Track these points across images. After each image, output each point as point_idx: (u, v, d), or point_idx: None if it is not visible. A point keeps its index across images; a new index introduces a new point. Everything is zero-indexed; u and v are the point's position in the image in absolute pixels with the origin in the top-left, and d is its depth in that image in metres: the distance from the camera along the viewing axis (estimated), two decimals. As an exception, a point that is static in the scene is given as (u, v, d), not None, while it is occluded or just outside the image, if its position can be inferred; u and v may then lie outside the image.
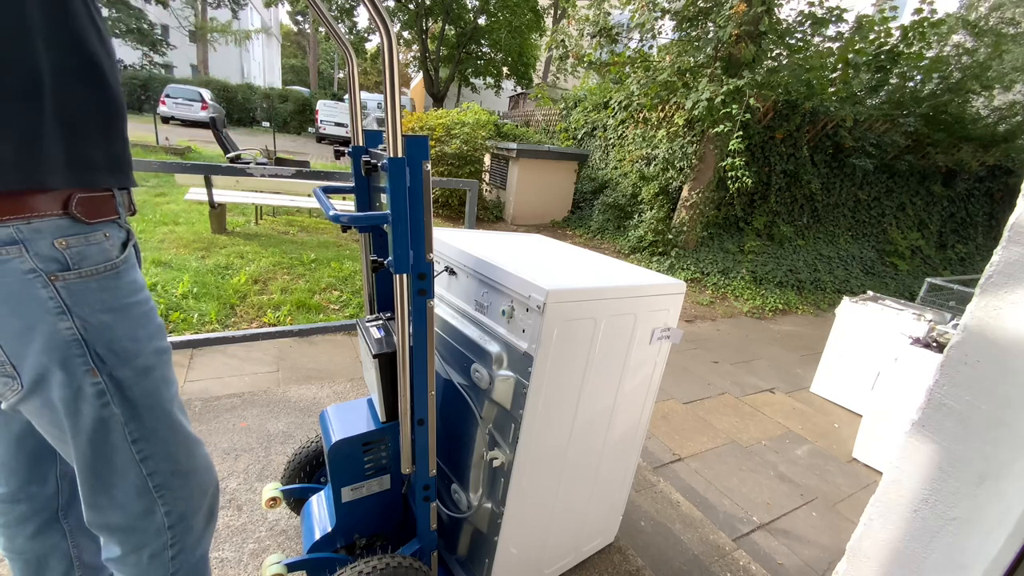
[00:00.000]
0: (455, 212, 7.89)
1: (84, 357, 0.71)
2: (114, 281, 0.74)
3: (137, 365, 0.77)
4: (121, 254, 0.76)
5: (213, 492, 0.95)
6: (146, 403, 0.79)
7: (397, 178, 0.87)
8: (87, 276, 0.70)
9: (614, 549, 1.73)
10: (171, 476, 0.84)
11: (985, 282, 0.72)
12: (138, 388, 0.77)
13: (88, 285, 0.71)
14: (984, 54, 7.08)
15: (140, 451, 0.80)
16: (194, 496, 0.89)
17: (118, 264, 0.75)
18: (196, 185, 5.19)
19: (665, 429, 2.73)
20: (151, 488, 0.82)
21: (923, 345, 2.51)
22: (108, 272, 0.73)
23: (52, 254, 0.67)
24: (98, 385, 0.73)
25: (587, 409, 1.29)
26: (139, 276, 0.81)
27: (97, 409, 0.74)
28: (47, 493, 0.93)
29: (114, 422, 0.76)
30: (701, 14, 5.96)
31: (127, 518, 0.82)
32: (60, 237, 0.68)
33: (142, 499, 0.82)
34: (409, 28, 19.28)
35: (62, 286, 0.68)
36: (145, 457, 0.80)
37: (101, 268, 0.72)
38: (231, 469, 1.86)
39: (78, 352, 0.70)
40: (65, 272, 0.68)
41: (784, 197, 7.09)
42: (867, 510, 0.88)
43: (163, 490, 0.84)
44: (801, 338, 4.73)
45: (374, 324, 1.22)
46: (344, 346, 3.02)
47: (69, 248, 0.68)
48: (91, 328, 0.71)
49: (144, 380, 0.78)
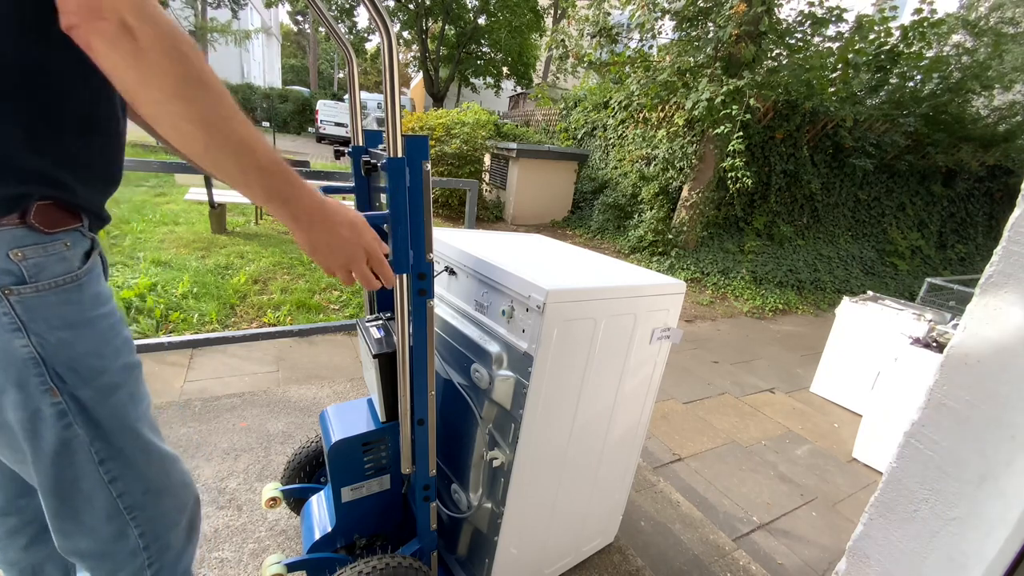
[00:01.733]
0: (455, 212, 7.89)
1: (42, 376, 0.66)
2: (75, 294, 0.69)
3: (102, 383, 0.72)
4: (83, 264, 0.70)
5: (192, 507, 0.92)
6: (112, 423, 0.74)
7: (397, 178, 0.87)
8: (45, 290, 0.65)
9: (614, 549, 1.73)
10: (143, 496, 0.80)
11: (985, 282, 0.72)
12: (103, 407, 0.73)
13: (46, 299, 0.66)
14: (984, 54, 7.07)
15: (108, 472, 0.75)
16: (169, 514, 0.85)
17: (80, 276, 0.69)
18: (196, 185, 5.19)
19: (665, 429, 2.72)
20: (122, 510, 0.78)
21: (923, 345, 2.51)
22: (69, 284, 0.68)
23: (6, 266, 0.62)
24: (59, 405, 0.68)
25: (587, 409, 1.29)
26: (104, 288, 0.75)
27: (58, 431, 0.69)
28: (36, 504, 0.89)
29: (78, 443, 0.71)
30: (701, 14, 5.96)
31: (98, 543, 0.79)
32: (15, 248, 0.63)
33: (113, 522, 0.78)
34: (409, 28, 19.27)
35: (17, 301, 0.63)
36: (114, 478, 0.76)
37: (61, 281, 0.67)
38: (231, 469, 1.86)
39: (35, 371, 0.66)
40: (20, 286, 0.63)
41: (784, 197, 7.09)
42: (867, 510, 0.88)
43: (135, 511, 0.79)
44: (801, 338, 4.73)
45: (374, 324, 1.21)
46: (344, 346, 3.02)
47: (26, 260, 0.63)
48: (49, 345, 0.66)
49: (110, 398, 0.73)
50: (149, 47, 0.54)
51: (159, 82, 0.56)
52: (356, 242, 0.78)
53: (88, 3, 0.51)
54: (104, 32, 0.52)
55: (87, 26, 0.52)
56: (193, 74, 0.58)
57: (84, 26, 0.52)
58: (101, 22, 0.52)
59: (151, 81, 0.56)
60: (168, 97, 0.57)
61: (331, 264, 0.77)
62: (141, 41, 0.54)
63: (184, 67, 0.57)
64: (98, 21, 0.52)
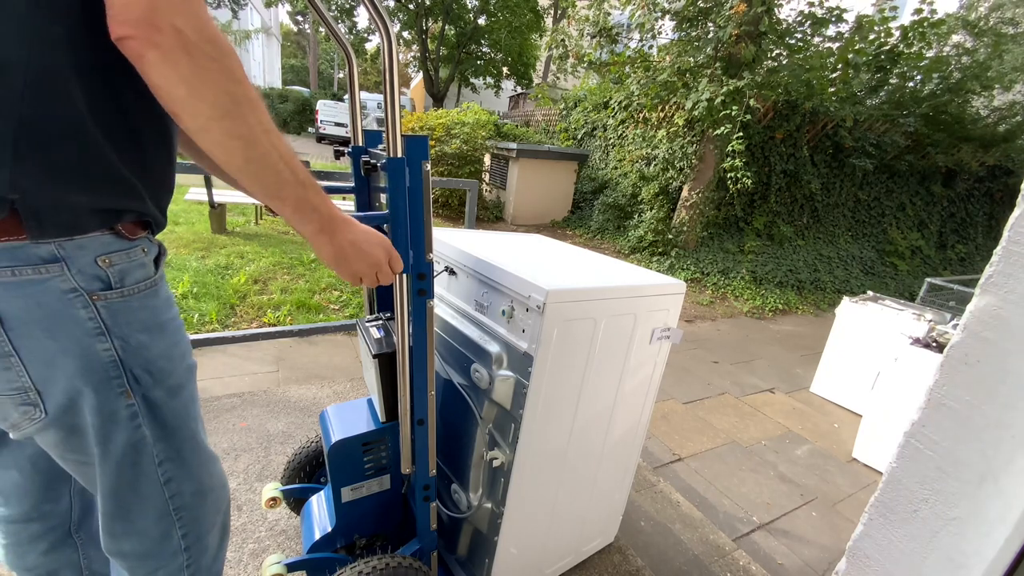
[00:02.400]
0: (455, 212, 7.89)
1: (120, 379, 0.68)
2: (152, 299, 0.71)
3: (170, 384, 0.74)
4: (158, 270, 0.73)
5: (226, 509, 0.93)
6: (175, 423, 0.76)
7: (397, 178, 0.87)
8: (129, 295, 0.67)
9: (614, 549, 1.73)
10: (192, 497, 0.82)
11: (985, 282, 0.72)
12: (168, 408, 0.75)
13: (129, 304, 0.68)
14: (984, 54, 7.08)
15: (165, 473, 0.77)
16: (209, 515, 0.87)
17: (156, 280, 0.72)
18: (196, 185, 5.19)
19: (665, 429, 2.72)
20: (171, 511, 0.80)
21: (923, 345, 2.51)
22: (148, 290, 0.70)
23: (95, 272, 0.63)
24: (132, 407, 0.70)
25: (587, 409, 1.29)
26: (170, 292, 0.78)
27: (129, 432, 0.71)
28: (61, 510, 0.90)
29: (144, 445, 0.73)
30: (701, 14, 5.96)
31: (144, 544, 0.79)
32: (104, 254, 0.64)
33: (161, 523, 0.79)
34: (409, 28, 19.27)
35: (103, 306, 0.65)
36: (169, 479, 0.78)
37: (143, 286, 0.69)
38: (231, 469, 1.86)
39: (115, 374, 0.67)
40: (107, 291, 0.65)
41: (784, 197, 7.09)
42: (867, 510, 0.88)
43: (182, 511, 0.81)
44: (801, 338, 4.73)
45: (374, 324, 1.21)
46: (344, 346, 3.02)
47: (112, 266, 0.65)
48: (129, 349, 0.68)
49: (175, 399, 0.75)
50: (205, 65, 0.54)
51: (212, 99, 0.56)
52: (377, 243, 0.80)
53: (146, 15, 0.50)
54: (161, 46, 0.51)
55: (143, 39, 0.51)
56: (242, 93, 0.58)
57: (140, 38, 0.51)
58: (159, 35, 0.51)
59: (203, 97, 0.55)
60: (218, 115, 0.57)
61: (357, 270, 0.79)
62: (197, 58, 0.53)
63: (236, 86, 0.57)
64: (156, 34, 0.51)
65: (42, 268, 0.60)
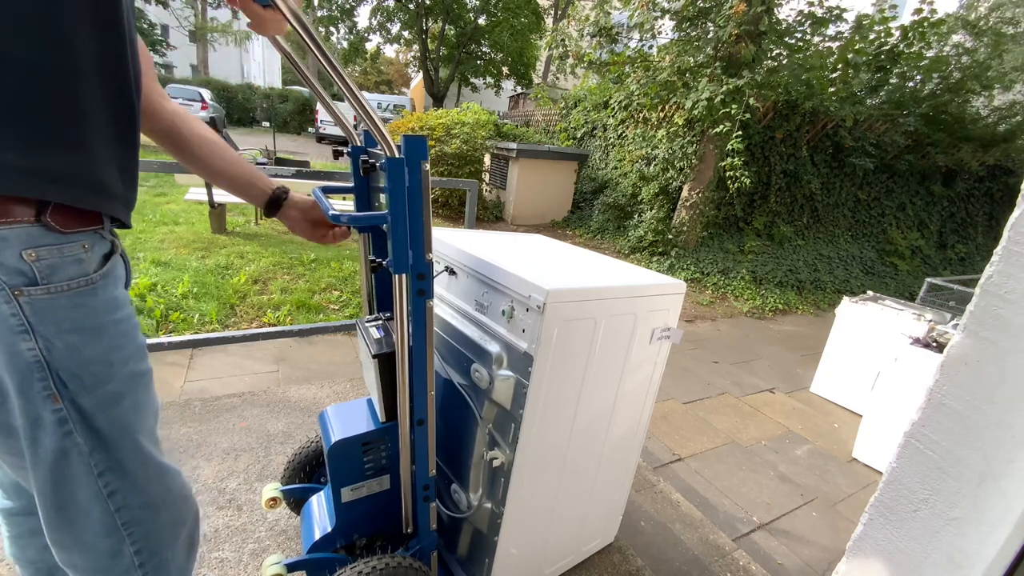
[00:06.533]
0: (455, 212, 7.89)
1: (45, 381, 0.64)
2: (89, 298, 0.67)
3: (106, 392, 0.70)
4: (100, 268, 0.68)
5: (192, 522, 0.89)
6: (113, 433, 0.72)
7: (396, 178, 0.87)
8: (56, 292, 0.63)
9: (614, 549, 1.73)
10: (140, 510, 0.77)
11: (985, 282, 0.72)
12: (104, 416, 0.70)
13: (56, 302, 0.63)
14: (984, 54, 7.08)
15: (107, 485, 0.73)
16: (167, 528, 0.83)
17: (95, 279, 0.67)
18: (196, 185, 5.19)
19: (665, 429, 2.72)
20: (119, 525, 0.76)
21: (923, 345, 2.51)
22: (82, 288, 0.66)
23: (18, 266, 0.60)
24: (59, 412, 0.66)
25: (587, 409, 1.29)
26: (121, 292, 0.73)
27: (58, 439, 0.67)
28: None
29: (76, 453, 0.69)
30: (701, 14, 5.96)
31: (93, 559, 0.76)
32: (29, 248, 0.61)
33: (109, 538, 0.76)
34: (409, 28, 19.28)
35: (26, 302, 0.61)
36: (113, 491, 0.74)
37: (74, 284, 0.65)
38: (231, 469, 1.86)
39: (39, 376, 0.64)
40: (31, 287, 0.61)
41: (784, 197, 7.09)
42: (867, 510, 0.88)
43: (132, 526, 0.77)
44: (801, 338, 4.73)
45: (373, 324, 1.21)
46: (344, 346, 3.02)
47: (39, 260, 0.61)
48: (55, 349, 0.64)
49: (113, 408, 0.71)
50: None
51: None
52: None
53: None
54: None
55: None
56: None
57: None
58: None
59: None
60: None
61: None
62: None
63: None
64: None
65: None
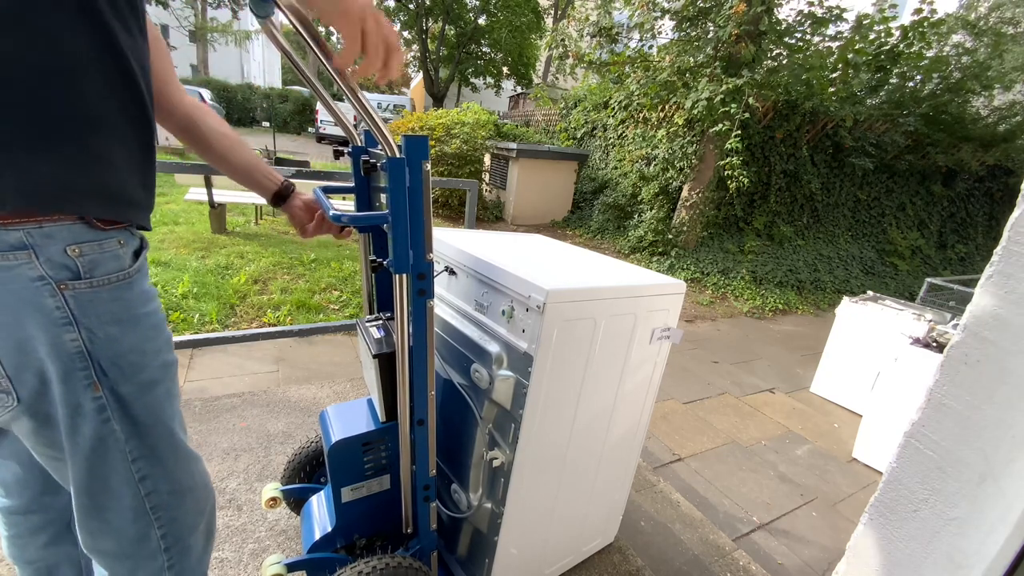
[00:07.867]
0: (455, 212, 7.89)
1: (87, 371, 0.68)
2: (126, 291, 0.71)
3: (141, 380, 0.74)
4: (134, 263, 0.73)
5: (210, 510, 0.91)
6: (148, 420, 0.75)
7: (396, 178, 0.87)
8: (98, 286, 0.67)
9: (614, 549, 1.73)
10: (169, 496, 0.80)
11: (985, 282, 0.72)
12: (140, 404, 0.74)
13: (99, 295, 0.67)
14: (984, 54, 7.08)
15: (139, 470, 0.76)
16: (190, 515, 0.86)
17: (131, 273, 0.72)
18: (196, 185, 5.19)
19: (665, 429, 2.72)
20: (148, 510, 0.79)
21: (923, 345, 2.51)
22: (120, 282, 0.70)
23: (63, 261, 0.64)
24: (99, 400, 0.69)
25: (587, 409, 1.29)
26: (150, 286, 0.77)
27: (97, 426, 0.70)
28: (61, 503, 0.90)
29: (113, 440, 0.72)
30: (701, 14, 5.96)
31: (121, 543, 0.79)
32: (73, 244, 0.64)
33: (137, 523, 0.78)
34: (409, 28, 19.27)
35: (71, 295, 0.65)
36: (144, 477, 0.77)
37: (114, 278, 0.69)
38: (231, 469, 1.86)
39: (81, 365, 0.67)
40: (76, 281, 0.65)
41: (784, 197, 7.09)
42: (867, 510, 0.88)
43: (160, 511, 0.80)
44: (801, 338, 4.73)
45: (374, 324, 1.21)
46: (344, 346, 3.02)
47: (82, 256, 0.65)
48: (97, 340, 0.68)
49: (147, 395, 0.75)
50: None
51: None
52: None
53: None
54: None
55: None
56: None
57: None
58: None
59: None
60: None
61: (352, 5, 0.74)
62: None
63: None
64: None
65: (11, 255, 0.60)
